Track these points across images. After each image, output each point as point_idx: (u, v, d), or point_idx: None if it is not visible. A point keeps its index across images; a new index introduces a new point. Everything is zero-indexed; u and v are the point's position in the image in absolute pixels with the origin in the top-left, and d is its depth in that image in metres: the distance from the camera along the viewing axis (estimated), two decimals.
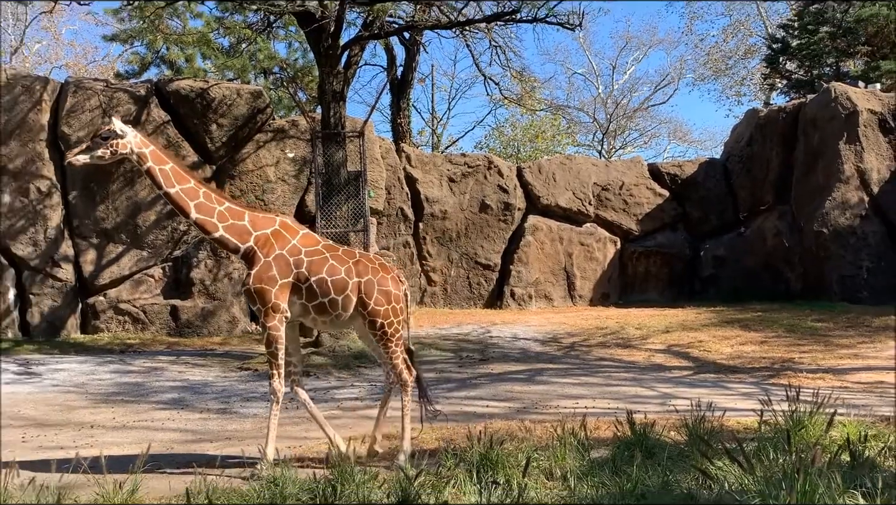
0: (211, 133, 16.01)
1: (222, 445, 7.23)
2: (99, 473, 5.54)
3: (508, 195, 20.25)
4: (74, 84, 15.74)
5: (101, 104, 15.42)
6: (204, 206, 5.93)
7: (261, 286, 5.95)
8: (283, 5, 12.49)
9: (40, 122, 15.24)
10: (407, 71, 23.42)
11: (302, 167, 16.61)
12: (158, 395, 10.03)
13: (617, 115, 40.98)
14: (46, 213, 15.09)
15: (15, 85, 15.23)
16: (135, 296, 15.51)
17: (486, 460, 5.67)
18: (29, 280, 14.96)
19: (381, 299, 6.19)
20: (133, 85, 16.58)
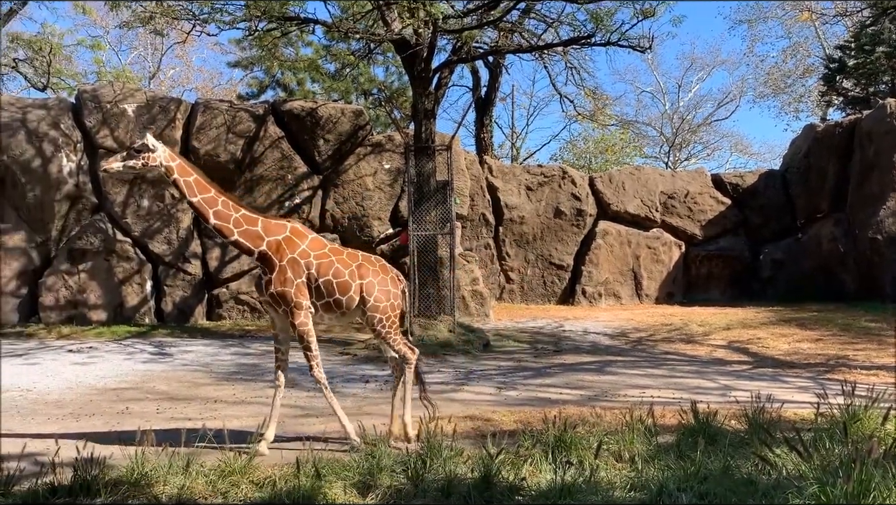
0: (318, 147, 16.33)
1: (326, 421, 7.35)
2: (222, 442, 5.74)
3: (581, 202, 20.03)
4: (203, 105, 16.29)
5: (226, 122, 15.92)
6: (222, 213, 5.98)
7: (282, 289, 6.03)
8: (382, 34, 12.64)
9: (174, 137, 15.82)
10: (490, 90, 23.42)
11: (396, 177, 16.78)
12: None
13: (682, 130, 40.00)
14: (179, 215, 15.65)
15: (153, 105, 15.87)
16: (252, 288, 15.90)
17: (561, 442, 5.62)
18: (163, 274, 15.55)
19: (381, 297, 6.30)
20: (252, 105, 17.05)
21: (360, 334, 14.73)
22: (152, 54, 37.12)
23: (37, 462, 5.65)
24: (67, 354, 11.78)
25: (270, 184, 16.10)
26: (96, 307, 15.00)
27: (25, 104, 15.87)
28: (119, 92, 15.85)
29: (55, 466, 4.87)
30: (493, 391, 9.19)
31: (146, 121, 15.64)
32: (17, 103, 15.96)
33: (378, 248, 16.60)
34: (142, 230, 15.45)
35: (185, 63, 39.65)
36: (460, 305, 15.65)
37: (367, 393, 9.05)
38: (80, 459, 5.00)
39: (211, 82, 40.63)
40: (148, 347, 12.49)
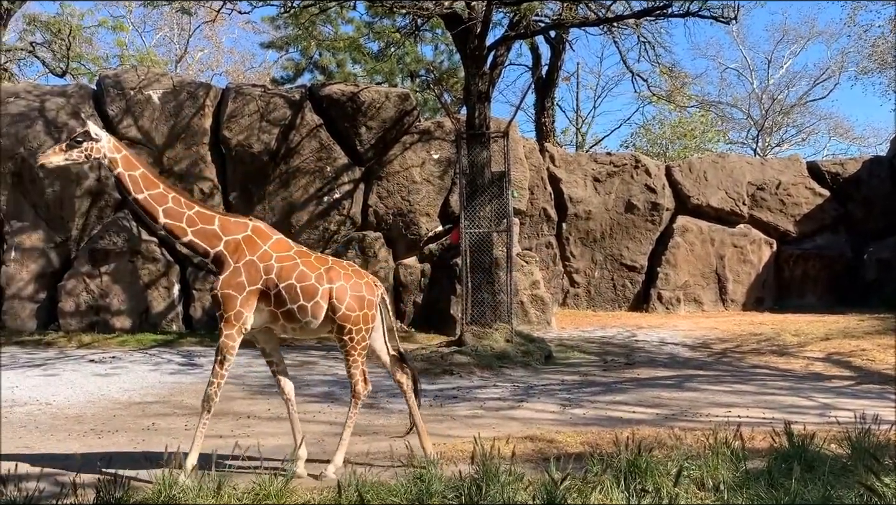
0: (360, 136, 16.48)
1: (370, 440, 7.42)
2: (256, 462, 5.83)
3: (656, 195, 19.80)
4: (235, 90, 16.59)
5: (259, 109, 16.17)
6: (172, 211, 5.91)
7: (228, 292, 5.88)
8: (430, 8, 12.70)
9: (203, 126, 16.15)
10: (552, 69, 23.31)
11: (446, 168, 16.82)
12: (310, 388, 10.41)
13: (773, 112, 39.18)
14: None
15: (181, 91, 16.22)
16: None
17: (634, 467, 5.55)
18: (192, 277, 15.88)
19: (353, 305, 6.10)
20: (288, 90, 17.30)
21: (406, 344, 14.81)
22: (179, 35, 37.95)
23: (57, 482, 5.82)
24: (89, 364, 12.12)
25: (308, 177, 16.30)
26: (120, 313, 15.40)
27: (43, 91, 16.39)
28: (143, 77, 16.25)
29: (76, 487, 5.01)
30: (557, 409, 9.15)
31: (173, 108, 16.02)
32: (34, 90, 16.51)
33: (426, 247, 16.68)
34: None
35: (215, 44, 40.41)
36: (518, 311, 15.62)
37: None
38: (102, 480, 5.13)
39: (242, 65, 41.38)
40: (176, 357, 12.77)
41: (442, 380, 11.18)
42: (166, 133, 15.97)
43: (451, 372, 11.62)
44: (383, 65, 22.80)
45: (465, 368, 11.86)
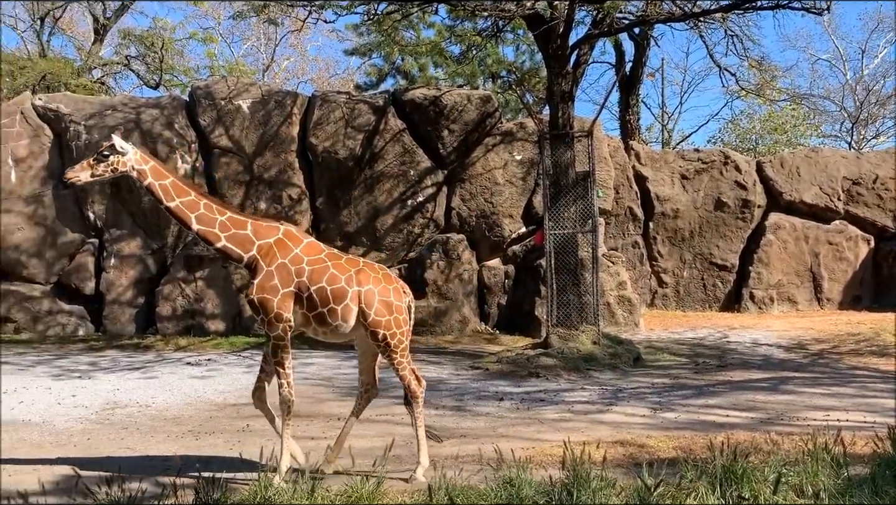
0: (443, 139, 16.56)
1: (458, 443, 7.45)
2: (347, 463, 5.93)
3: (747, 192, 19.31)
4: (321, 98, 16.89)
5: (344, 115, 16.43)
6: (205, 218, 6.00)
7: (263, 296, 5.95)
8: (512, 10, 12.68)
9: (291, 134, 16.50)
10: (636, 66, 22.95)
11: (529, 169, 16.76)
12: (397, 390, 10.41)
13: (868, 103, 37.63)
14: (297, 218, 16.29)
15: (269, 100, 16.61)
16: None
17: (730, 473, 5.42)
18: None
19: (382, 310, 6.08)
20: (372, 96, 17.52)
21: (490, 346, 14.83)
22: (265, 45, 38.89)
23: (158, 483, 6.04)
24: (185, 366, 12.51)
25: (391, 181, 16.47)
26: (214, 317, 15.86)
27: (139, 104, 17.02)
28: (233, 87, 16.70)
29: (176, 489, 5.18)
30: (647, 412, 9.01)
31: (261, 117, 16.41)
32: (130, 103, 17.16)
33: (510, 248, 16.65)
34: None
35: (300, 53, 41.29)
36: (605, 312, 15.45)
37: (502, 413, 9.09)
38: (201, 481, 5.30)
39: (327, 72, 42.14)
40: None
41: (528, 382, 11.13)
42: (256, 141, 16.38)
43: (537, 374, 11.56)
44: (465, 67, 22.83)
45: (552, 370, 11.79)
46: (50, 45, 29.77)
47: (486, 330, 16.30)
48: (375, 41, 19.75)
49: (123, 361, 13.04)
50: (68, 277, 16.06)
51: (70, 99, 17.34)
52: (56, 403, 9.67)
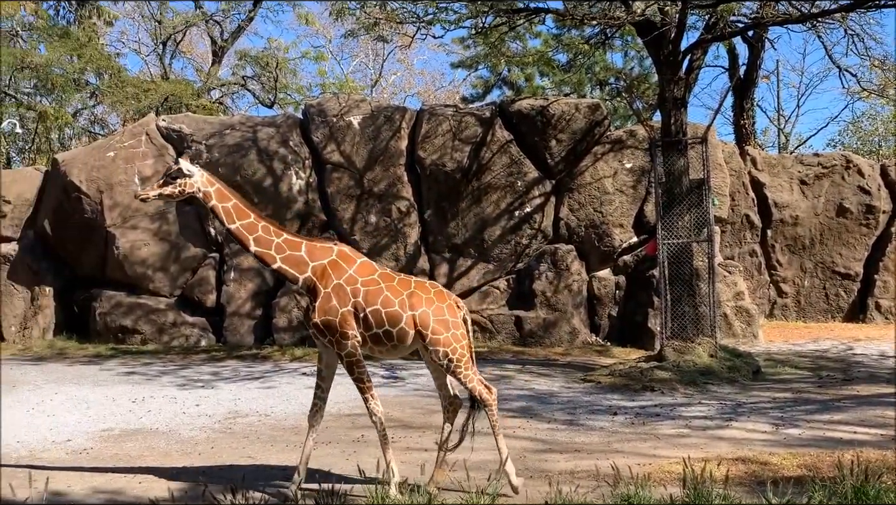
0: (550, 149, 16.47)
1: (572, 458, 7.37)
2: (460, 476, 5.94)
3: (871, 197, 18.46)
4: (428, 111, 17.10)
5: (451, 128, 16.56)
6: (262, 239, 6.13)
7: (326, 318, 6.06)
8: (622, 17, 12.51)
9: (399, 148, 16.75)
10: (751, 69, 22.27)
11: (640, 177, 16.47)
12: (508, 402, 10.48)
13: None
14: (406, 230, 16.52)
15: (378, 116, 16.93)
16: (482, 306, 16.40)
17: (861, 494, 5.18)
18: None
19: (439, 329, 6.11)
20: (479, 108, 17.61)
21: (602, 358, 14.62)
22: (373, 61, 39.69)
23: (280, 492, 6.22)
24: (301, 377, 12.83)
25: (499, 192, 16.49)
26: None
27: (255, 123, 17.64)
28: (344, 104, 17.11)
29: (297, 498, 5.31)
30: (769, 428, 8.69)
31: (371, 132, 16.73)
32: (247, 122, 17.81)
33: (620, 259, 16.40)
34: (370, 246, 16.47)
35: (407, 67, 41.94)
36: (722, 324, 14.99)
37: (616, 427, 8.93)
38: (321, 491, 5.42)
39: (433, 85, 42.66)
40: (379, 371, 13.25)
41: (642, 396, 10.91)
42: (366, 156, 16.71)
43: (651, 388, 11.31)
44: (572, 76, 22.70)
45: (667, 384, 11.51)
46: (171, 67, 31.28)
47: (596, 342, 16.09)
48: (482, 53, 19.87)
49: (243, 371, 13.49)
50: (191, 290, 16.77)
51: (191, 119, 18.13)
52: (181, 412, 10.08)
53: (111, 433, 8.81)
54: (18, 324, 17.02)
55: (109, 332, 16.42)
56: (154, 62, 32.89)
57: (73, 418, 9.59)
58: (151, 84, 27.04)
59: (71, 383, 12.14)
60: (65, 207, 17.06)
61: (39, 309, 17.01)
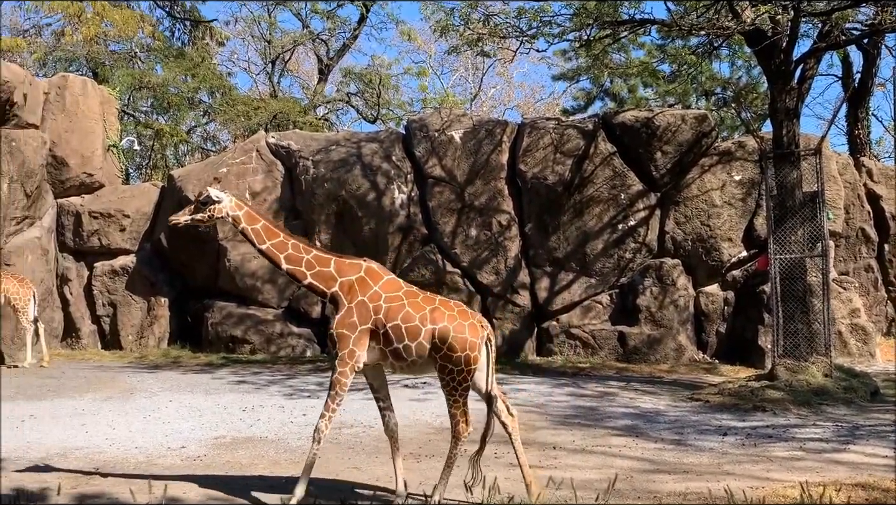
0: (655, 161, 16.18)
1: (681, 479, 7.17)
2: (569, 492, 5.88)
3: None
4: (529, 125, 17.08)
5: (553, 141, 16.49)
6: (293, 257, 6.32)
7: (341, 331, 6.14)
8: (731, 27, 12.20)
9: (500, 161, 16.78)
10: (866, 77, 21.33)
11: (749, 190, 16.01)
12: (612, 420, 10.31)
13: None
14: (506, 244, 16.51)
15: (479, 130, 17.02)
16: (584, 321, 16.20)
17: None
18: (492, 305, 16.48)
19: (455, 346, 6.02)
20: (581, 121, 17.49)
21: (709, 376, 14.22)
22: (473, 75, 39.91)
23: (385, 502, 6.28)
24: (403, 389, 12.94)
25: (601, 205, 16.30)
26: None
27: (360, 138, 18.01)
28: (446, 119, 17.27)
29: None
30: (890, 453, 8.25)
31: (472, 146, 16.83)
32: (352, 138, 18.20)
33: (729, 274, 15.95)
34: (470, 260, 16.54)
35: (506, 80, 42.00)
36: (836, 342, 14.37)
37: (726, 448, 8.65)
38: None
39: (532, 98, 42.58)
40: None
41: (753, 417, 10.54)
42: (467, 170, 16.80)
43: (762, 408, 10.92)
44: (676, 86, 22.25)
45: (779, 404, 11.08)
46: (279, 85, 32.25)
47: (703, 359, 15.67)
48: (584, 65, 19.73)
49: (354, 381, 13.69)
50: (297, 302, 17.19)
51: (299, 136, 18.65)
52: (289, 421, 10.31)
53: (223, 441, 9.08)
54: (135, 333, 17.82)
55: (220, 341, 17.01)
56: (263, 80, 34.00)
57: (187, 425, 9.94)
58: (261, 102, 27.94)
59: (184, 391, 12.60)
60: None
61: (155, 319, 17.77)
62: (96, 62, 26.81)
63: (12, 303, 14.80)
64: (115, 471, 7.58)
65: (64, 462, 8.02)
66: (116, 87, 22.88)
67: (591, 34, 13.30)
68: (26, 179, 16.83)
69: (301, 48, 32.68)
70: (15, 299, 14.79)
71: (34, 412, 10.69)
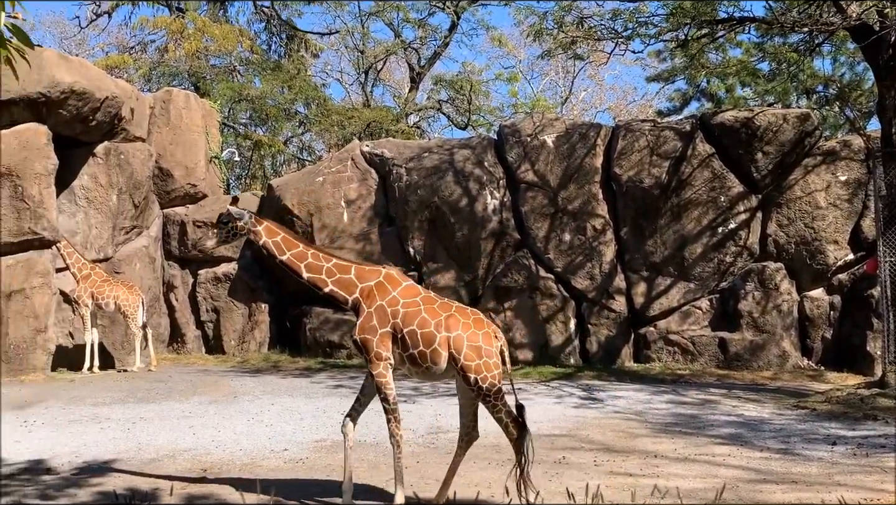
0: (756, 162, 15.75)
1: (790, 489, 6.96)
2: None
3: None
4: (624, 127, 16.87)
5: (649, 143, 16.24)
6: (313, 266, 6.51)
7: (364, 336, 6.33)
8: (836, 22, 11.78)
9: (594, 165, 16.63)
10: None
11: (856, 190, 15.41)
12: (715, 428, 10.07)
13: None
14: (601, 248, 16.33)
15: (573, 133, 16.91)
16: (683, 327, 15.88)
17: None
18: (587, 311, 16.32)
19: (472, 354, 6.06)
20: (678, 122, 17.17)
21: (815, 383, 13.76)
22: (563, 78, 39.64)
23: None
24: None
25: (700, 208, 15.96)
26: (522, 346, 16.32)
27: (452, 145, 18.13)
28: (538, 123, 17.23)
29: None
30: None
31: (566, 150, 16.74)
32: (444, 145, 18.34)
33: (835, 277, 15.40)
34: (564, 265, 16.43)
35: (597, 83, 41.57)
36: None
37: (836, 458, 8.35)
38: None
39: (624, 100, 42.03)
40: (576, 391, 13.15)
41: (864, 426, 10.13)
42: (560, 174, 16.71)
43: (874, 417, 10.49)
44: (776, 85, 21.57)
45: (891, 412, 10.63)
46: (372, 95, 32.78)
47: (808, 366, 15.15)
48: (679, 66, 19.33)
49: (442, 388, 13.77)
50: None
51: (392, 144, 18.91)
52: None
53: (323, 444, 9.28)
54: (237, 338, 18.38)
55: (318, 346, 17.37)
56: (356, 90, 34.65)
57: (288, 428, 10.20)
58: (354, 111, 28.47)
59: (285, 395, 12.92)
60: None
61: (256, 324, 18.29)
62: (198, 76, 27.83)
63: (122, 309, 15.47)
64: (221, 472, 7.85)
65: (173, 463, 8.35)
66: (217, 100, 23.70)
67: (688, 34, 13.07)
68: (134, 191, 17.59)
69: (392, 57, 33.13)
70: (125, 306, 15.45)
71: (144, 414, 11.16)
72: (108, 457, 8.64)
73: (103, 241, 16.92)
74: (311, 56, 31.66)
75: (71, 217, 16.50)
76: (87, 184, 16.74)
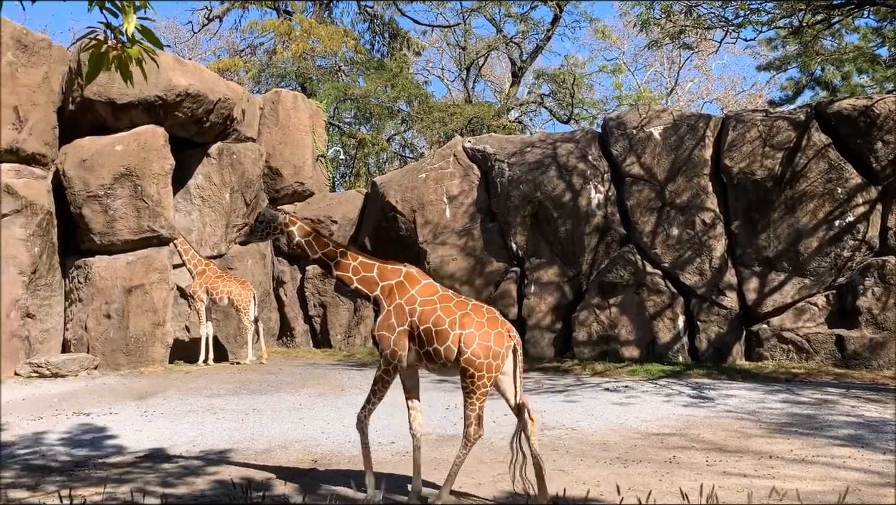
0: (876, 152, 15.00)
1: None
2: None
3: None
4: (734, 118, 16.34)
5: (761, 134, 15.69)
6: (342, 264, 6.83)
7: (382, 333, 6.61)
8: None
9: (704, 157, 16.18)
10: None
11: None
12: (833, 429, 9.66)
13: None
14: (711, 243, 15.89)
15: (681, 125, 16.49)
16: (797, 324, 15.29)
17: None
18: (696, 307, 15.90)
19: (479, 352, 6.25)
20: (791, 112, 16.52)
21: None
22: (669, 69, 38.77)
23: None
24: (604, 392, 12.78)
25: (816, 200, 15.33)
26: (628, 343, 16.04)
27: (555, 139, 17.98)
28: (644, 115, 16.88)
29: None
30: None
31: (673, 142, 16.35)
32: (546, 139, 18.20)
33: None
34: (671, 261, 16.06)
35: (704, 73, 40.47)
36: None
37: None
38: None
39: (732, 90, 40.80)
40: (685, 389, 12.85)
41: None
42: (667, 167, 16.34)
43: None
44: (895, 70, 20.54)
45: None
46: (473, 91, 32.86)
47: None
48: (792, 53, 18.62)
49: (546, 384, 13.73)
50: (494, 303, 17.31)
51: (494, 139, 18.89)
52: (490, 421, 10.32)
53: (429, 438, 9.33)
54: (343, 332, 18.77)
55: None
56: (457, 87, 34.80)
57: (395, 422, 10.30)
58: (456, 108, 28.61)
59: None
60: (383, 225, 18.55)
61: (361, 319, 18.62)
62: (305, 77, 28.52)
63: (235, 304, 16.01)
64: (331, 464, 8.02)
65: (284, 454, 8.60)
66: (323, 99, 24.24)
67: (803, 19, 12.56)
68: (246, 189, 18.18)
69: (494, 52, 33.12)
70: (237, 301, 15.99)
71: (256, 406, 11.52)
72: (223, 446, 8.97)
73: (217, 239, 17.57)
74: (414, 54, 31.98)
75: (186, 215, 17.22)
76: (202, 183, 17.42)
